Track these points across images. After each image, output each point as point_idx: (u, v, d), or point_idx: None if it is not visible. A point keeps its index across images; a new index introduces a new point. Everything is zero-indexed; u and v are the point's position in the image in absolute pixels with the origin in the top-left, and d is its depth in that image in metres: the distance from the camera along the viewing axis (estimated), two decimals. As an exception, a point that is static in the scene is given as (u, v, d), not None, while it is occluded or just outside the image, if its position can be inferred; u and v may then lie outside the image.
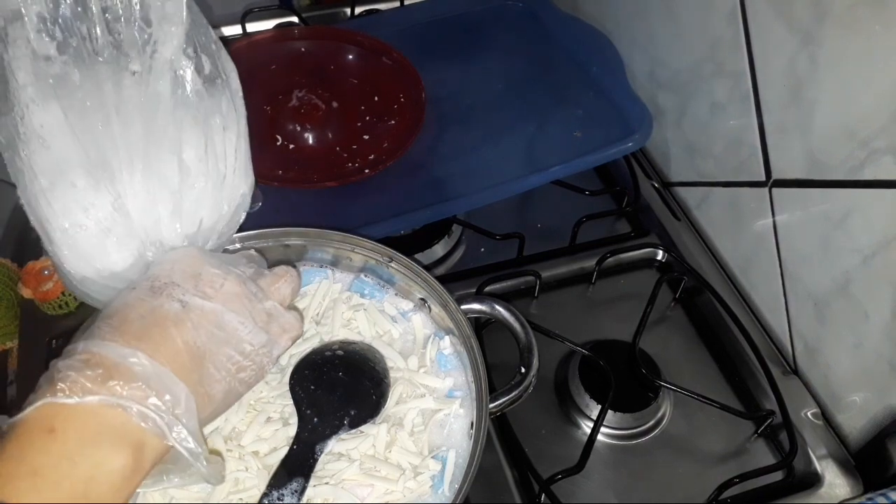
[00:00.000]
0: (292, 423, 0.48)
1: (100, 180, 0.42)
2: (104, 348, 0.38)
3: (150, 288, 0.42)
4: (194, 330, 0.41)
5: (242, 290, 0.44)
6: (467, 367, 0.52)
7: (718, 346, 0.70)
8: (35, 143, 0.41)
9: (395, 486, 0.47)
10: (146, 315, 0.41)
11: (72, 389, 0.36)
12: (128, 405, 0.37)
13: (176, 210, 0.45)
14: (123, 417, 0.37)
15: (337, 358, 0.51)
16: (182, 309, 0.41)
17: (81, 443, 0.36)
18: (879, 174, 0.54)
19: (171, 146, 0.44)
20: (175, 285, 0.42)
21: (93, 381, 0.37)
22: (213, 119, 0.46)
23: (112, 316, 0.41)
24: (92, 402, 0.36)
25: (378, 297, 0.56)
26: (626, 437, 0.64)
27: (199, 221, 0.46)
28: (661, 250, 0.76)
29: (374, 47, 0.85)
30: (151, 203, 0.44)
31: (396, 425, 0.50)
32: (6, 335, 0.68)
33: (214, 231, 0.48)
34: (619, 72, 0.84)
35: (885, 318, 0.57)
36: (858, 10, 0.53)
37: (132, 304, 0.41)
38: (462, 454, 0.48)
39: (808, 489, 0.61)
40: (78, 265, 0.44)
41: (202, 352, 0.41)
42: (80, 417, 0.36)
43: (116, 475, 0.36)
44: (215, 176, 0.46)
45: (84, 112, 0.41)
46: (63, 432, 0.36)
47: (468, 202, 0.73)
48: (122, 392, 0.37)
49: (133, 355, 0.38)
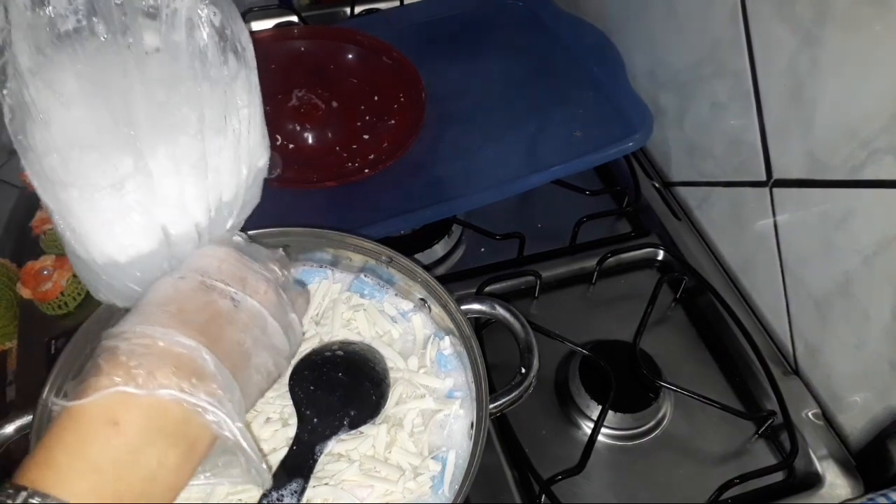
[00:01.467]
0: (292, 424, 0.48)
1: (122, 149, 0.40)
2: (167, 337, 0.37)
3: (201, 282, 0.41)
4: (243, 331, 0.40)
5: (279, 299, 0.44)
6: (467, 367, 0.52)
7: (719, 346, 0.70)
8: (54, 105, 0.39)
9: (394, 486, 0.46)
10: (202, 308, 0.39)
11: (145, 381, 0.34)
12: (201, 404, 0.35)
13: (198, 182, 0.43)
14: (187, 413, 0.35)
15: (337, 358, 0.51)
16: (234, 308, 0.40)
17: (144, 439, 0.34)
18: (880, 174, 0.54)
19: (190, 117, 0.42)
20: (226, 283, 0.41)
21: (164, 372, 0.35)
22: (231, 90, 0.44)
23: (167, 303, 0.39)
24: (163, 395, 0.35)
25: (378, 297, 0.56)
26: (627, 438, 0.64)
27: (219, 195, 0.45)
28: (661, 250, 0.75)
29: (373, 47, 0.85)
30: (174, 175, 0.42)
31: (396, 426, 0.50)
32: (5, 335, 0.68)
33: (236, 204, 0.46)
34: (620, 71, 0.84)
35: (886, 319, 0.57)
36: (859, 11, 0.53)
37: (187, 294, 0.40)
38: (462, 455, 0.48)
39: (808, 490, 0.61)
40: (102, 245, 0.41)
41: (248, 354, 0.40)
42: (147, 411, 0.35)
43: (173, 473, 0.35)
44: (234, 147, 0.45)
45: (104, 79, 0.39)
46: (127, 425, 0.34)
47: (468, 202, 0.73)
48: (193, 389, 0.35)
49: (200, 349, 0.37)
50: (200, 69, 0.42)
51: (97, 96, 0.40)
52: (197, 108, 0.42)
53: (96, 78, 0.40)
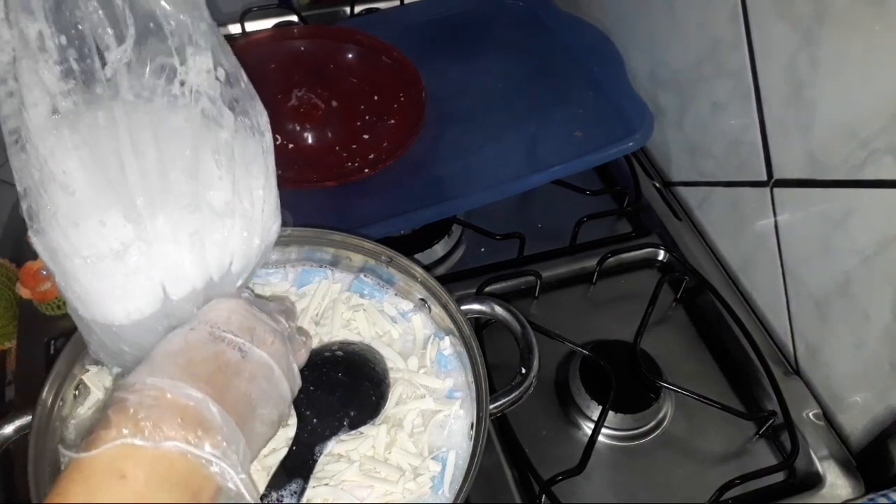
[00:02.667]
0: (291, 424, 0.48)
1: (126, 220, 0.40)
2: (175, 389, 0.37)
3: (210, 332, 0.41)
4: (250, 382, 0.40)
5: (285, 350, 0.44)
6: (467, 367, 0.52)
7: (720, 346, 0.70)
8: (54, 188, 0.39)
9: (394, 487, 0.46)
10: (210, 359, 0.40)
11: (151, 433, 0.35)
12: (205, 456, 0.36)
13: (201, 250, 0.43)
14: (191, 465, 0.36)
15: (336, 359, 0.51)
16: (242, 359, 0.41)
17: (150, 490, 0.35)
18: (880, 174, 0.54)
19: (196, 185, 0.42)
20: (234, 334, 0.41)
21: (170, 424, 0.36)
22: (248, 172, 0.44)
23: (177, 354, 0.39)
24: (169, 448, 0.35)
25: (378, 297, 0.56)
26: (627, 438, 0.63)
27: (228, 263, 0.45)
28: (662, 250, 0.75)
29: (373, 46, 0.85)
30: (176, 244, 0.42)
31: (396, 426, 0.49)
32: (4, 335, 0.68)
33: (246, 270, 0.47)
34: (620, 71, 0.84)
35: (886, 319, 0.57)
36: (859, 10, 0.53)
37: (195, 345, 0.40)
38: (462, 455, 0.48)
39: (809, 490, 0.60)
40: (105, 309, 0.42)
41: (254, 405, 0.40)
42: (152, 462, 0.35)
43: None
44: (248, 225, 0.45)
45: (104, 151, 0.39)
46: (134, 477, 0.34)
47: (468, 202, 0.73)
48: (199, 441, 0.36)
49: (206, 402, 0.37)
50: (208, 133, 0.41)
51: (97, 167, 0.39)
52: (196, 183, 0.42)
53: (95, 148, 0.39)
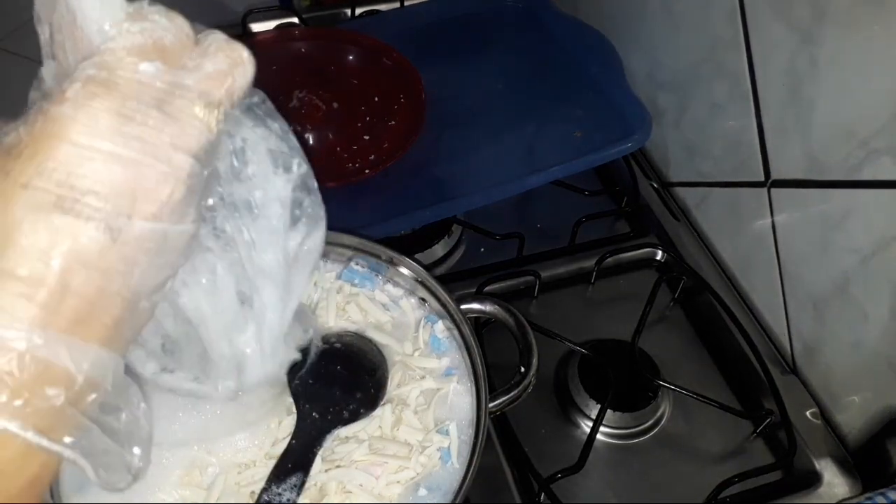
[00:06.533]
0: (291, 415, 0.49)
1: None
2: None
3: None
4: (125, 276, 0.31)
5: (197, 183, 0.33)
6: (462, 348, 0.52)
7: (717, 345, 0.71)
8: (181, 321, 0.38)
9: (407, 462, 0.47)
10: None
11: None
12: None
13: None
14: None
15: (333, 350, 0.51)
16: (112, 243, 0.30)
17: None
18: (878, 174, 0.55)
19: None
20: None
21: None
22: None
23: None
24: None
25: (369, 285, 0.57)
26: (626, 437, 0.64)
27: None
28: (660, 250, 0.76)
29: (374, 48, 0.85)
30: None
31: (401, 404, 0.50)
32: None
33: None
34: (619, 72, 0.84)
35: (884, 318, 0.57)
36: (858, 10, 0.53)
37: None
38: (463, 427, 0.49)
39: (806, 489, 0.61)
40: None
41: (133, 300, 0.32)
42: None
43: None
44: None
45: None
46: None
47: (468, 202, 0.73)
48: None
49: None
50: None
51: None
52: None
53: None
